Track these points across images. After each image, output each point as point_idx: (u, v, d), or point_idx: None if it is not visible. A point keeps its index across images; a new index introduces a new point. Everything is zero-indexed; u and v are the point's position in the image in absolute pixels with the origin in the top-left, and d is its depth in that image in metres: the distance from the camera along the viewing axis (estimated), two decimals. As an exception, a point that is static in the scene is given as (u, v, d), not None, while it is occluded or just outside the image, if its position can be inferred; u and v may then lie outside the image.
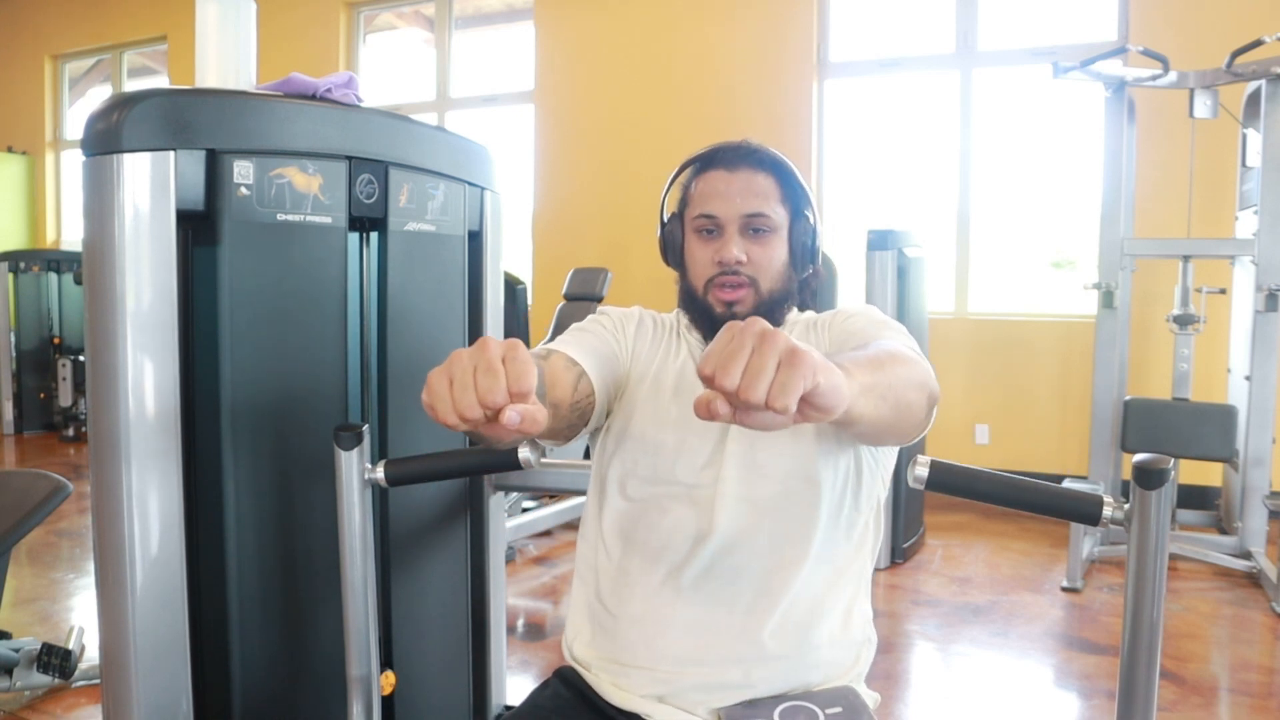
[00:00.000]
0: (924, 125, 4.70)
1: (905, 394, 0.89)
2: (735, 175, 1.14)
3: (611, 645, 1.09)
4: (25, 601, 2.87)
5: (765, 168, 1.15)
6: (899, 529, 3.21)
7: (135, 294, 1.14)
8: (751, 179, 1.14)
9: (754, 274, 1.13)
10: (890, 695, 2.27)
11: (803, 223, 1.17)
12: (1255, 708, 2.20)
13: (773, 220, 1.14)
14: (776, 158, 1.17)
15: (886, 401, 0.86)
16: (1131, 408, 3.14)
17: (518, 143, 5.44)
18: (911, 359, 0.95)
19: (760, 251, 1.14)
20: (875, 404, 0.84)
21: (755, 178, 1.14)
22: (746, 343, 0.65)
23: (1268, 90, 3.08)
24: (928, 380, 0.95)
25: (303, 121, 1.26)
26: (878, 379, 0.84)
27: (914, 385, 0.92)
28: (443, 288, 1.48)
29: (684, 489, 1.09)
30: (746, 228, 1.13)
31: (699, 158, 1.19)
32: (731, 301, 1.13)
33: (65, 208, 7.36)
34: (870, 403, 0.82)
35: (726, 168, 1.15)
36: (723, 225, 1.14)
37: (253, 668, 1.27)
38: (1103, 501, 0.93)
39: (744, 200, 1.13)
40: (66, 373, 5.70)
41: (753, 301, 1.13)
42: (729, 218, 1.13)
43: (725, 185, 1.14)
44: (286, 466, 1.28)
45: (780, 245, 1.15)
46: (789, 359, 0.64)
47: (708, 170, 1.16)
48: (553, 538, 3.55)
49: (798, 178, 1.18)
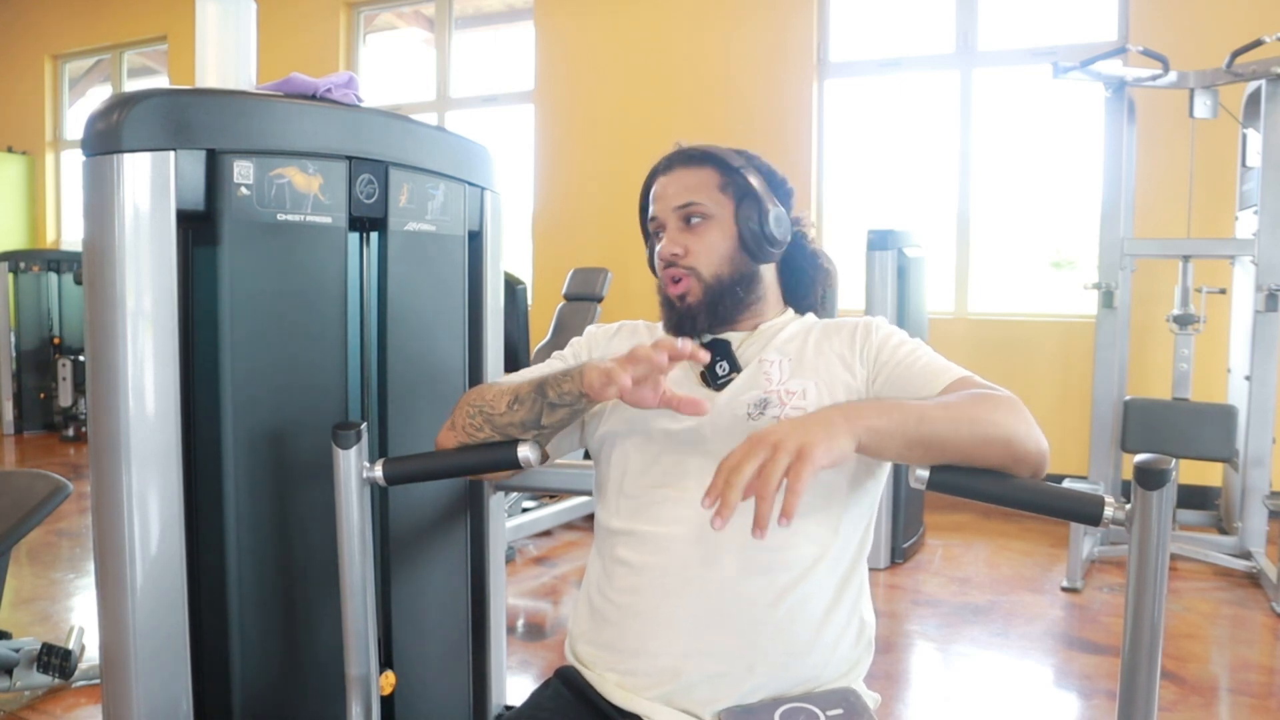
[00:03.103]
0: (924, 125, 4.70)
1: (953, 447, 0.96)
2: (670, 176, 1.22)
3: (613, 644, 1.10)
4: (25, 601, 2.87)
5: (696, 162, 1.21)
6: (899, 529, 3.21)
7: (135, 294, 1.13)
8: (682, 175, 1.21)
9: (693, 264, 1.18)
10: (890, 695, 2.27)
11: (749, 206, 1.18)
12: (1255, 708, 2.20)
13: (706, 208, 1.18)
14: (708, 150, 1.21)
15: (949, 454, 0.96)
16: (1131, 408, 3.14)
17: (518, 143, 5.45)
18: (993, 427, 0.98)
19: (696, 240, 1.18)
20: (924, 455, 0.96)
21: (687, 173, 1.20)
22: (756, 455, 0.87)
23: (1268, 90, 3.08)
24: (1014, 437, 0.98)
25: (303, 121, 1.26)
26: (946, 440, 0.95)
27: (979, 441, 0.96)
28: (443, 288, 1.48)
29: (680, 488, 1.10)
30: (683, 220, 1.19)
31: (650, 171, 1.27)
32: (680, 294, 1.19)
33: (65, 208, 7.36)
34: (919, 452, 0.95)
35: (664, 173, 1.23)
36: (663, 223, 1.21)
37: (253, 668, 1.27)
38: (1103, 502, 0.92)
39: (675, 195, 1.20)
40: (66, 373, 5.70)
41: (700, 290, 1.18)
42: (665, 214, 1.21)
43: (662, 187, 1.22)
44: (287, 466, 1.28)
45: (719, 232, 1.18)
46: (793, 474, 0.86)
47: (652, 180, 1.25)
48: (553, 538, 3.55)
49: (742, 167, 1.19)
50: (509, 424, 1.14)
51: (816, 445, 0.87)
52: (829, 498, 1.09)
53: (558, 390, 1.10)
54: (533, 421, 1.12)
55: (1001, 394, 1.02)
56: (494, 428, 1.15)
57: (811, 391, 1.12)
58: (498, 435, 1.16)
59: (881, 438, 0.93)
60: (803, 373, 1.14)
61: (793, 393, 1.12)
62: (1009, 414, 0.99)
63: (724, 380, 1.14)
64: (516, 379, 1.19)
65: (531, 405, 1.12)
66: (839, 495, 1.10)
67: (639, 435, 1.15)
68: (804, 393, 1.11)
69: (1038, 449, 0.99)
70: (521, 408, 1.13)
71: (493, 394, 1.17)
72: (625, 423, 1.17)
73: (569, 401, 1.09)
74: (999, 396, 1.01)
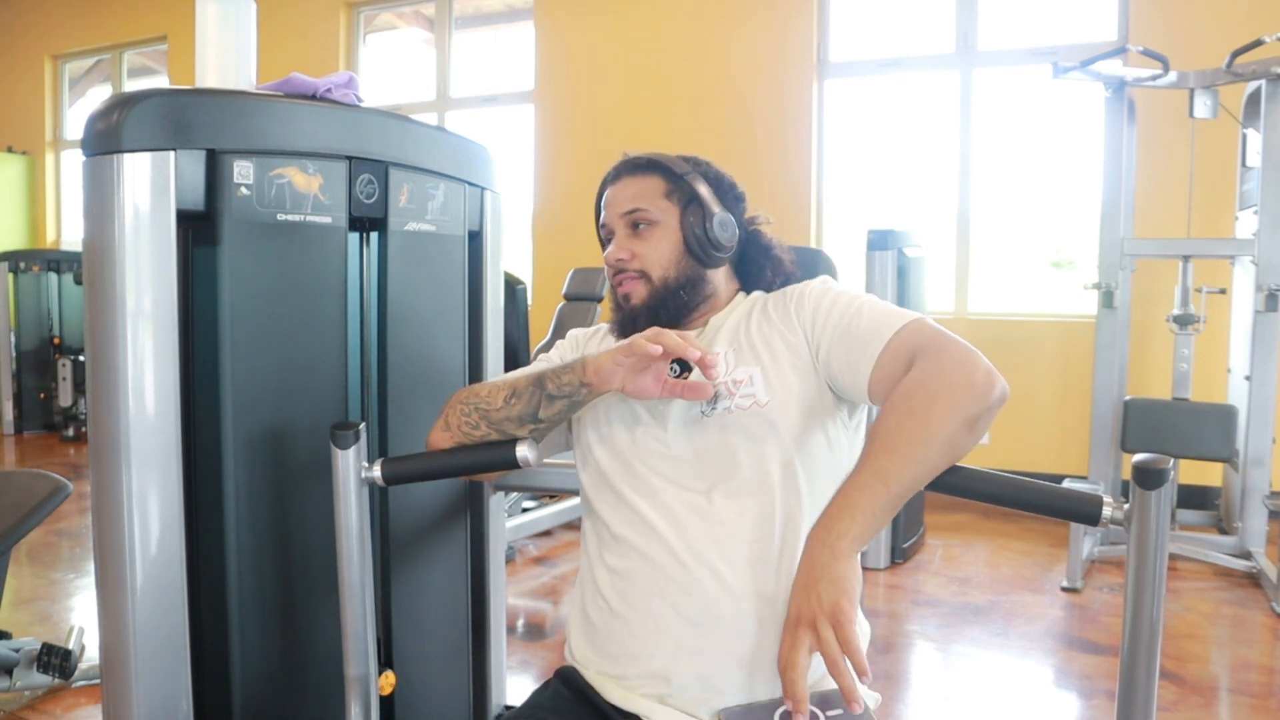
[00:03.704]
0: (924, 125, 4.70)
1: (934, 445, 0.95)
2: (617, 186, 1.25)
3: (605, 647, 1.10)
4: (25, 601, 2.87)
5: (640, 170, 1.24)
6: (899, 529, 3.21)
7: (135, 294, 1.13)
8: (629, 184, 1.24)
9: (642, 267, 1.21)
10: (890, 695, 2.27)
11: (694, 212, 1.20)
12: (1255, 708, 2.20)
13: (651, 214, 1.21)
14: (653, 159, 1.24)
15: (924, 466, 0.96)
16: (1131, 408, 3.14)
17: (518, 143, 5.44)
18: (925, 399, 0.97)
19: (643, 245, 1.21)
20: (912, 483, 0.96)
21: (632, 181, 1.24)
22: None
23: (1268, 90, 3.08)
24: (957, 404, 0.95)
25: (303, 121, 1.26)
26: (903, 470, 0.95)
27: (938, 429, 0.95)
28: (443, 288, 1.48)
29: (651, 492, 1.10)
30: (630, 226, 1.22)
31: (601, 183, 1.29)
32: (627, 295, 1.22)
33: (65, 208, 7.35)
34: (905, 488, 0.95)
35: (611, 183, 1.26)
36: (612, 229, 1.24)
37: (253, 667, 1.27)
38: (1103, 501, 0.93)
39: (622, 202, 1.23)
40: (66, 373, 5.70)
41: (646, 292, 1.21)
42: (613, 221, 1.24)
43: (610, 197, 1.25)
44: (287, 466, 1.28)
45: (664, 236, 1.21)
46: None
47: (604, 190, 1.28)
48: (553, 538, 3.55)
49: (687, 174, 1.21)
50: (506, 418, 1.15)
51: (841, 598, 0.90)
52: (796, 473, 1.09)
53: (557, 382, 1.11)
54: (530, 415, 1.13)
55: (933, 350, 1.00)
56: (490, 424, 1.16)
57: (758, 377, 1.11)
58: (494, 432, 1.16)
59: (870, 531, 0.94)
60: (747, 359, 1.14)
61: (739, 381, 1.12)
62: (945, 386, 0.96)
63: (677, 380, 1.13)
64: (510, 376, 1.21)
65: (530, 399, 1.13)
66: (809, 468, 1.10)
67: (607, 444, 1.17)
68: (750, 379, 1.11)
69: (985, 390, 0.96)
70: (519, 401, 1.13)
71: (487, 390, 1.18)
72: (597, 427, 1.19)
73: (568, 393, 1.11)
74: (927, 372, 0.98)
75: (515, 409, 1.14)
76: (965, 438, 0.96)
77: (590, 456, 1.19)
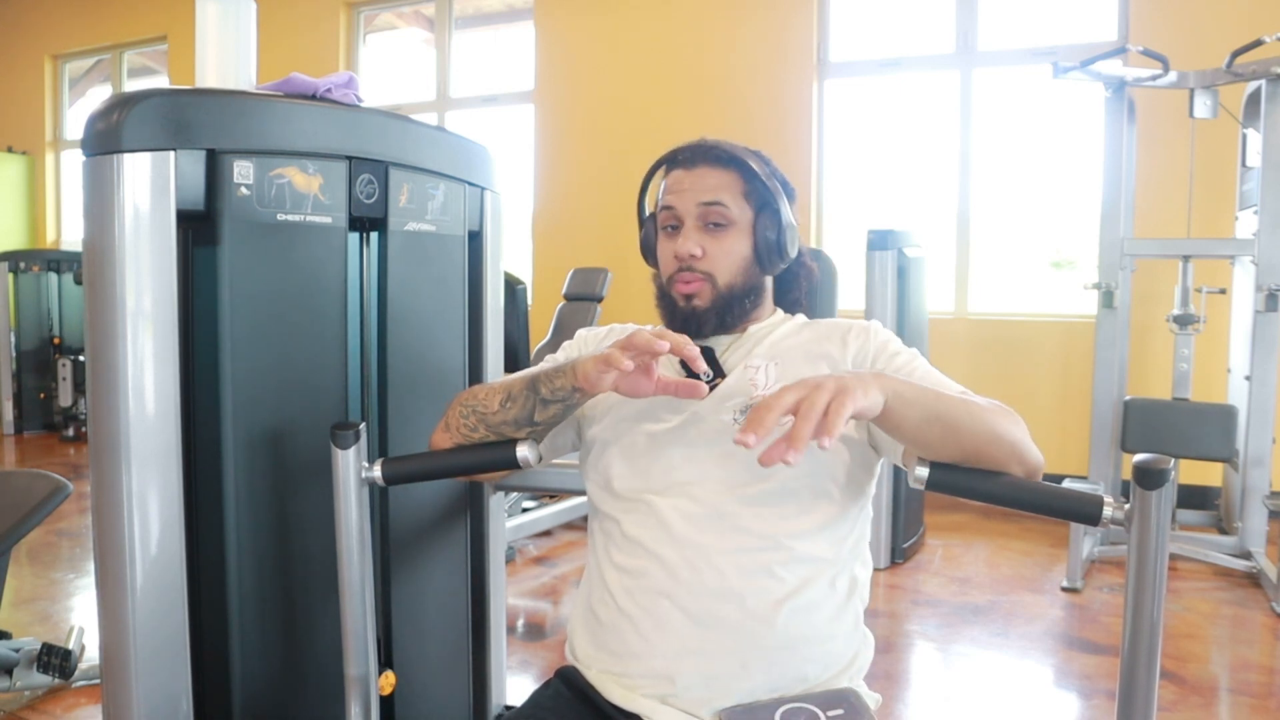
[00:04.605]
0: (924, 125, 4.70)
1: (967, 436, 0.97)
2: (693, 173, 1.18)
3: (609, 646, 1.10)
4: (25, 601, 2.87)
5: (722, 163, 1.18)
6: (899, 529, 3.21)
7: (135, 294, 1.13)
8: (708, 174, 1.17)
9: (709, 269, 1.16)
10: (890, 695, 2.27)
11: (768, 218, 1.17)
12: (1255, 708, 2.20)
13: (730, 213, 1.16)
14: (734, 153, 1.18)
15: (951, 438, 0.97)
16: (1131, 408, 3.14)
17: (518, 143, 5.45)
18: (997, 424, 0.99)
19: (716, 245, 1.16)
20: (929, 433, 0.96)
21: (712, 173, 1.17)
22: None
23: (1268, 90, 3.08)
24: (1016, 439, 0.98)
25: (303, 121, 1.26)
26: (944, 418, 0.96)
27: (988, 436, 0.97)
28: (443, 288, 1.48)
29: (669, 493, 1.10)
30: (704, 221, 1.16)
31: (663, 159, 1.22)
32: (689, 295, 1.17)
33: (65, 208, 7.35)
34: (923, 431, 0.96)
35: (685, 166, 1.19)
36: (681, 219, 1.18)
37: (253, 668, 1.27)
38: (1103, 501, 0.93)
39: (700, 192, 1.16)
40: (66, 373, 5.70)
41: (710, 295, 1.17)
42: (686, 210, 1.17)
43: (682, 182, 1.18)
44: (287, 466, 1.28)
45: (739, 240, 1.17)
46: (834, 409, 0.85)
47: (671, 170, 1.21)
48: (553, 538, 3.55)
49: (764, 173, 1.17)
50: (502, 422, 1.14)
51: (854, 389, 0.88)
52: (820, 494, 1.09)
53: (550, 386, 1.10)
54: (525, 419, 1.13)
55: (1008, 408, 1.03)
56: (488, 427, 1.15)
57: None
58: (492, 435, 1.16)
59: (906, 404, 0.94)
60: (789, 377, 1.13)
61: None
62: (1016, 424, 1.00)
63: (709, 385, 1.14)
64: (507, 379, 1.19)
65: (524, 402, 1.12)
66: (834, 497, 1.10)
67: (626, 440, 1.15)
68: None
69: (1035, 461, 1.00)
70: (514, 405, 1.13)
71: (484, 393, 1.17)
72: (612, 427, 1.17)
73: (562, 397, 1.10)
74: (1007, 408, 1.02)
75: (511, 413, 1.13)
76: (994, 452, 0.98)
77: (604, 455, 1.17)
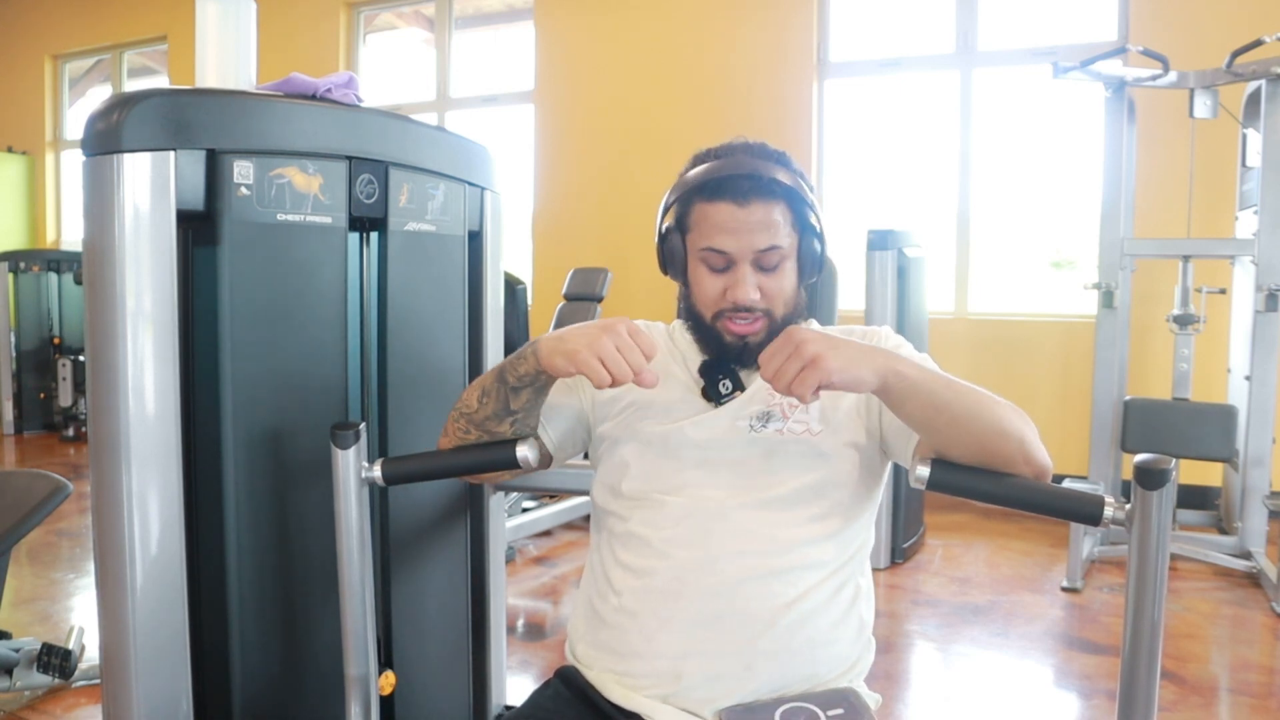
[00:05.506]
0: (924, 125, 4.70)
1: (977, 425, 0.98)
2: (746, 210, 1.09)
3: (611, 645, 1.10)
4: (25, 601, 2.87)
5: (776, 197, 1.10)
6: (899, 529, 3.21)
7: (135, 294, 1.13)
8: (760, 209, 1.09)
9: (768, 307, 1.12)
10: (890, 695, 2.27)
11: (810, 236, 1.14)
12: (1255, 708, 2.20)
13: (785, 250, 1.11)
14: (784, 183, 1.11)
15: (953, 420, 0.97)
16: (1131, 408, 3.14)
17: (518, 143, 5.44)
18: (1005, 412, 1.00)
19: (772, 283, 1.12)
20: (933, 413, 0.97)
21: (762, 208, 1.09)
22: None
23: (1268, 90, 3.08)
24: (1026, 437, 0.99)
25: (303, 121, 1.26)
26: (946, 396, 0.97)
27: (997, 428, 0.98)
28: (443, 288, 1.47)
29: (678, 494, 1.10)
30: (758, 263, 1.11)
31: (707, 184, 1.11)
32: (744, 335, 1.12)
33: (65, 208, 7.35)
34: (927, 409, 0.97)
35: (735, 200, 1.09)
36: (735, 261, 1.11)
37: (253, 668, 1.27)
38: (1103, 501, 0.93)
39: (755, 237, 1.09)
40: (66, 373, 5.70)
41: (766, 331, 1.12)
42: (741, 255, 1.10)
43: (735, 220, 1.09)
44: (287, 466, 1.28)
45: (788, 270, 1.13)
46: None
47: (716, 200, 1.10)
48: (553, 538, 3.54)
49: (803, 188, 1.14)
50: (485, 418, 1.14)
51: (832, 360, 0.91)
52: (830, 503, 1.10)
53: (515, 374, 1.10)
54: (503, 410, 1.13)
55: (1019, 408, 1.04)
56: (476, 426, 1.15)
57: (815, 406, 1.12)
58: (485, 435, 1.16)
59: (909, 386, 0.95)
60: None
61: (796, 405, 1.12)
62: (1026, 423, 1.00)
63: (726, 397, 1.14)
64: (481, 377, 1.19)
65: (497, 394, 1.12)
66: (843, 504, 1.10)
67: (637, 440, 1.15)
68: (808, 406, 1.11)
69: (1043, 463, 1.00)
70: (490, 399, 1.13)
71: (467, 394, 1.18)
72: (623, 425, 1.17)
73: (528, 381, 1.10)
74: (1018, 408, 1.03)
75: (489, 407, 1.13)
76: (1003, 446, 0.98)
77: (614, 453, 1.17)
